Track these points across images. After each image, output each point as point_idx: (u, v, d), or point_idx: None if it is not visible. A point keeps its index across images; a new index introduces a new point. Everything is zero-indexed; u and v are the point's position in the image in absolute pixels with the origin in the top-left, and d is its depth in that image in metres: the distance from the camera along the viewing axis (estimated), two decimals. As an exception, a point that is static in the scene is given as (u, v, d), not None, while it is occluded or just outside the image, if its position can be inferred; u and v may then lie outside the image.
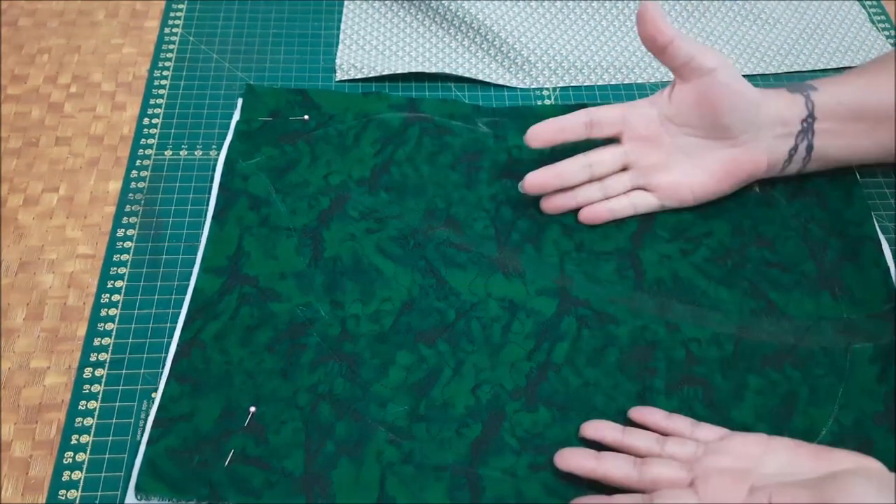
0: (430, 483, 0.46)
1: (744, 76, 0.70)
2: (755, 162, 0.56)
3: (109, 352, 0.51)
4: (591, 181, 0.57)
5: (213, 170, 0.60)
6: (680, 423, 0.47)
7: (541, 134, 0.56)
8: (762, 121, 0.55)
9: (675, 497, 0.42)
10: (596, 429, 0.48)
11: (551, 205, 0.58)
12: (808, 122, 0.55)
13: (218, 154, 0.62)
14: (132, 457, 0.47)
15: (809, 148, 0.56)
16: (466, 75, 0.67)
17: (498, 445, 0.48)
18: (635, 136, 0.56)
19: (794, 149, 0.56)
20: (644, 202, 0.57)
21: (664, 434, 0.47)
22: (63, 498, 0.46)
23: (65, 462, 0.47)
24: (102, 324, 0.53)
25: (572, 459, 0.46)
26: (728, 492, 0.42)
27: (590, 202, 0.57)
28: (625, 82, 0.68)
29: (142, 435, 0.48)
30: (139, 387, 0.50)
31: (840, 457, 0.43)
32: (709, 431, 0.47)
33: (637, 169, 0.57)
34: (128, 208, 0.58)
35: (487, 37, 0.70)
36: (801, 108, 0.55)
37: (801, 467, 0.43)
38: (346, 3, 0.74)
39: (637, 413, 0.49)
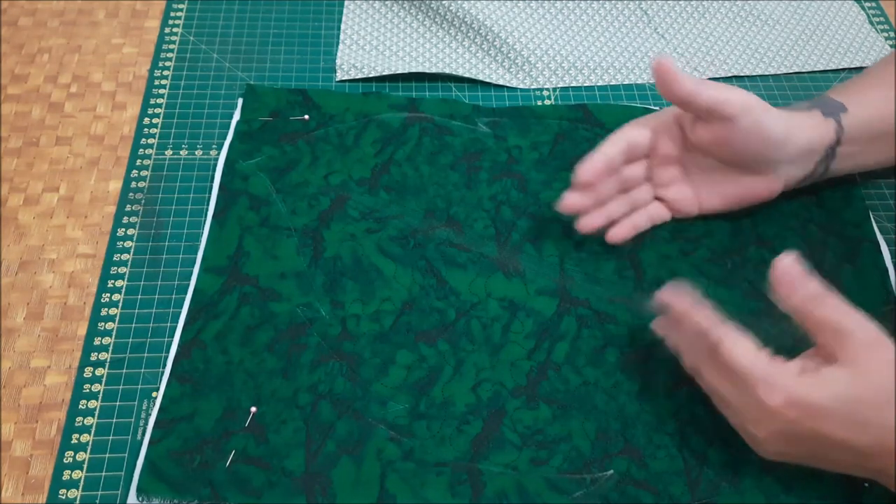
0: (430, 479, 0.46)
1: (744, 77, 0.70)
2: (771, 190, 0.56)
3: (110, 351, 0.51)
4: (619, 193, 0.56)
5: (213, 170, 0.60)
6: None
7: (592, 173, 0.53)
8: (786, 154, 0.54)
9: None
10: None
11: (588, 226, 0.55)
12: (833, 147, 0.55)
13: (218, 154, 0.62)
14: (133, 456, 0.47)
15: (825, 170, 0.56)
16: (466, 75, 0.67)
17: (499, 441, 0.48)
18: (659, 152, 0.56)
19: (812, 173, 0.56)
20: (658, 214, 0.57)
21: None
22: (63, 497, 0.46)
23: (65, 461, 0.47)
24: (103, 323, 0.53)
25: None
26: None
27: (617, 216, 0.56)
28: (625, 83, 0.68)
29: (142, 435, 0.48)
30: (139, 386, 0.50)
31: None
32: None
33: (655, 181, 0.57)
34: (128, 208, 0.58)
35: (487, 37, 0.70)
36: (831, 134, 0.54)
37: None
38: (346, 3, 0.74)
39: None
